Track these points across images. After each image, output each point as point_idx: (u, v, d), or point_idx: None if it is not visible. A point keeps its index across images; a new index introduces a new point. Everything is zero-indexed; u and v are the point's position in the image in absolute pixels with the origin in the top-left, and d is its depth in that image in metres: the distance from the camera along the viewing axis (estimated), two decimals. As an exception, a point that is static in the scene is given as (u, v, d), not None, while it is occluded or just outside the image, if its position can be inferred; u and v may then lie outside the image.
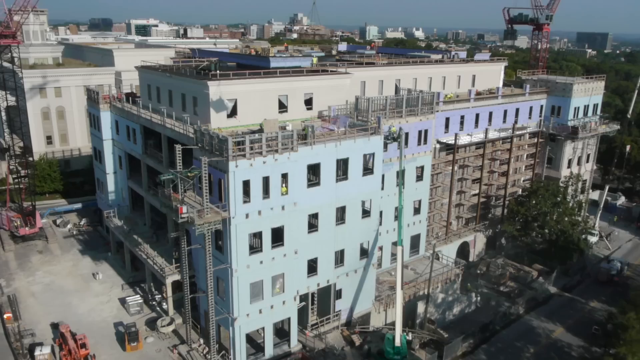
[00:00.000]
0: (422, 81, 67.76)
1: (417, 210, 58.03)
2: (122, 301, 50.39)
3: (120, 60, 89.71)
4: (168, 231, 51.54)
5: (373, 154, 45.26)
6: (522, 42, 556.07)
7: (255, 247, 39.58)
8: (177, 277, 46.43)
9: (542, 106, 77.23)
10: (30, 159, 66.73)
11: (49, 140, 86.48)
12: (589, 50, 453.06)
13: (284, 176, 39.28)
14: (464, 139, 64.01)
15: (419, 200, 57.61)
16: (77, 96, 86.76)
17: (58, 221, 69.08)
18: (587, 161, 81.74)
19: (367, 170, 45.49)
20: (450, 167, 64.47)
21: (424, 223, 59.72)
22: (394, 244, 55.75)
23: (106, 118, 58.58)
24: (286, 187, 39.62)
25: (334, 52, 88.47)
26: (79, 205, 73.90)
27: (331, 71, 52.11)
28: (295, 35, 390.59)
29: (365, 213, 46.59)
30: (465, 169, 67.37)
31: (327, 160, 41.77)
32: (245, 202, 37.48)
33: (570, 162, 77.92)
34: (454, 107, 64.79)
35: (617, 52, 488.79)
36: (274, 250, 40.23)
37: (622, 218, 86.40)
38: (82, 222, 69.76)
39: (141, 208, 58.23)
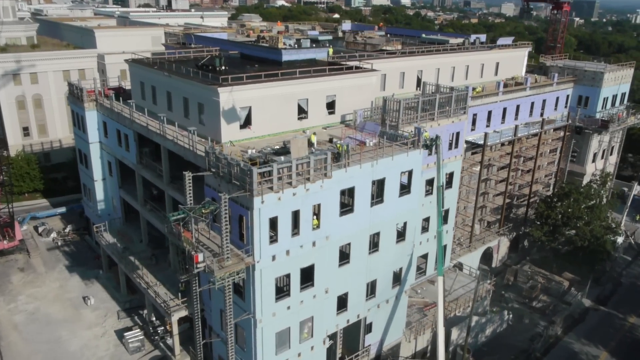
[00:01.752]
0: (444, 71, 61.33)
1: (444, 220, 52.30)
2: (120, 334, 44.22)
3: (103, 42, 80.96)
4: (170, 253, 45.19)
5: (411, 171, 39.06)
6: (508, 9, 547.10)
7: (281, 290, 33.54)
8: (184, 312, 40.32)
9: (568, 96, 71.52)
10: (5, 153, 59.07)
11: (26, 131, 78.16)
12: (577, 19, 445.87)
13: (316, 207, 32.99)
14: (492, 137, 58.09)
15: (447, 209, 51.87)
16: (55, 82, 78.12)
17: (40, 229, 61.93)
18: (611, 154, 76.74)
19: (404, 189, 39.35)
20: (475, 168, 58.76)
21: (451, 233, 54.14)
22: (423, 257, 50.47)
23: (92, 118, 51.05)
24: (318, 219, 33.37)
25: (340, 35, 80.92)
26: (63, 209, 66.68)
27: (356, 68, 45.18)
28: (280, 2, 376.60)
29: (400, 236, 40.69)
30: (489, 168, 61.76)
31: (362, 183, 35.48)
32: (272, 242, 31.19)
33: (595, 156, 72.80)
34: (482, 102, 58.68)
35: (604, 20, 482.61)
36: (303, 293, 34.23)
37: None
38: (67, 230, 62.72)
39: (135, 219, 51.49)
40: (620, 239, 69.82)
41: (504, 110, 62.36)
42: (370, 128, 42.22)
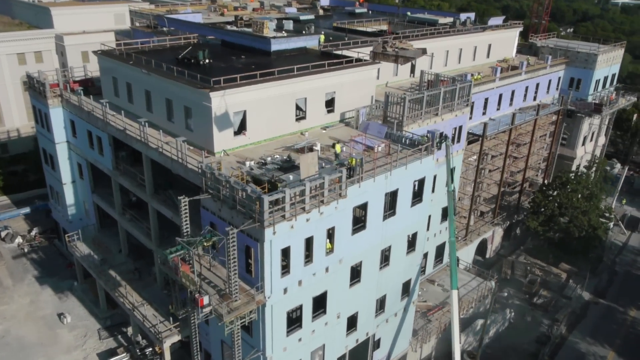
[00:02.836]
0: (438, 56, 57.87)
1: (444, 217, 49.71)
2: (104, 358, 40.22)
3: (60, 21, 73.26)
4: (155, 266, 41.02)
5: (424, 178, 35.79)
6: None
7: (292, 322, 30.13)
8: (176, 337, 36.57)
9: (559, 78, 69.27)
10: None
11: (-21, 121, 71.00)
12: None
13: (330, 230, 29.43)
14: (491, 127, 55.30)
15: (446, 206, 49.18)
16: (10, 66, 70.65)
17: (3, 233, 56.29)
18: (599, 135, 75.52)
19: (415, 197, 36.13)
20: (472, 158, 56.13)
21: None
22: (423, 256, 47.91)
23: (57, 116, 45.41)
24: (331, 242, 29.88)
25: (320, 12, 75.85)
26: (27, 210, 60.92)
27: (356, 60, 41.06)
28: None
29: (410, 247, 37.71)
30: (484, 157, 59.25)
31: (375, 197, 32.03)
32: (283, 274, 27.60)
33: (585, 139, 71.35)
34: (479, 90, 55.59)
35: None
36: (315, 322, 31.02)
37: (623, 191, 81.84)
38: (33, 233, 57.28)
39: (112, 225, 46.74)
40: (610, 224, 69.25)
41: (500, 96, 59.59)
42: (374, 129, 38.55)
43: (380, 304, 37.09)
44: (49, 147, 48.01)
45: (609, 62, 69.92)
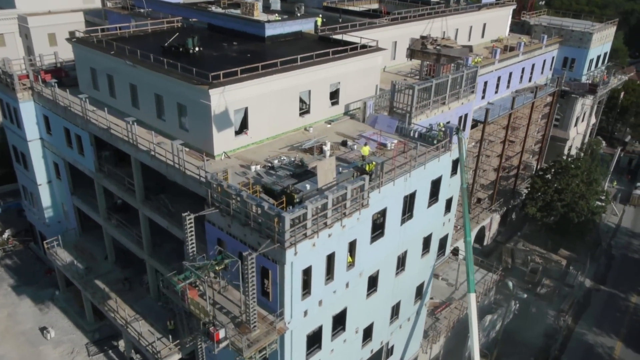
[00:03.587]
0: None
1: (447, 209, 47.57)
2: (94, 378, 37.18)
3: (23, 0, 67.21)
4: (147, 274, 37.73)
5: (440, 177, 33.30)
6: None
7: (312, 344, 27.53)
8: (177, 356, 33.63)
9: (553, 58, 67.42)
10: None
11: (-64, 112, 64.91)
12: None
13: (351, 243, 26.74)
14: (493, 112, 53.12)
15: (450, 197, 47.03)
16: (-32, 51, 64.61)
17: (-28, 237, 51.85)
18: (590, 116, 74.46)
19: (432, 197, 33.67)
20: (470, 145, 53.99)
21: (453, 221, 49.69)
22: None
23: (29, 111, 40.91)
24: (352, 256, 27.22)
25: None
26: (-4, 210, 56.36)
27: (361, 47, 37.83)
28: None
29: (425, 248, 35.44)
30: (483, 142, 57.23)
31: (394, 202, 29.41)
32: (304, 296, 24.88)
33: (577, 120, 70.12)
34: (479, 73, 53.03)
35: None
36: (334, 341, 28.54)
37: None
38: (6, 236, 52.87)
39: (94, 228, 42.95)
40: (607, 207, 68.71)
41: (498, 79, 57.39)
42: (383, 123, 35.71)
43: (395, 311, 34.89)
44: (20, 144, 43.55)
45: (602, 40, 68.33)
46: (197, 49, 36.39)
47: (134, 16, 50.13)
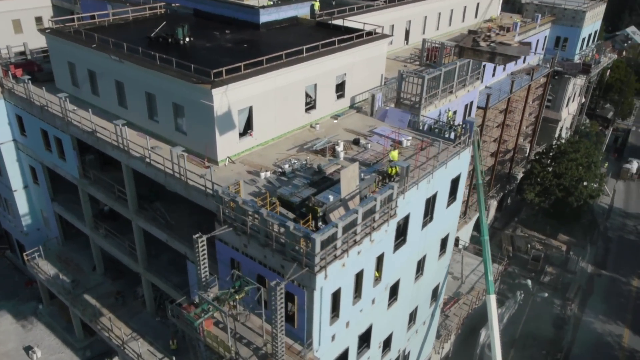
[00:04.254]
0: (430, 19, 52.58)
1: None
2: (89, 401, 34.35)
3: (-20, -16, 61.55)
4: (143, 288, 34.85)
5: (459, 175, 31.17)
6: None
7: (335, 366, 25.38)
8: (181, 377, 31.12)
9: (545, 38, 65.71)
10: None
11: None
12: None
13: (379, 258, 24.45)
14: (494, 97, 51.17)
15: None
16: None
17: (-61, 247, 47.66)
18: (580, 95, 73.50)
19: (450, 197, 31.56)
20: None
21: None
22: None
23: (-1, 110, 37.09)
24: (379, 270, 24.96)
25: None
26: (-35, 215, 51.87)
27: (367, 34, 34.99)
28: None
29: (442, 249, 33.48)
30: (483, 128, 55.46)
31: (417, 206, 27.19)
32: (332, 320, 22.55)
33: (568, 100, 68.97)
34: (478, 57, 50.88)
35: None
36: (359, 360, 26.47)
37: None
38: (-23, 244, 48.91)
39: (78, 236, 39.71)
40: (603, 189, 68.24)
41: (496, 61, 55.23)
42: (394, 117, 33.23)
43: (412, 316, 33.00)
44: (-10, 147, 39.54)
45: (594, 18, 66.92)
46: (187, 39, 33.05)
47: (111, 1, 45.87)
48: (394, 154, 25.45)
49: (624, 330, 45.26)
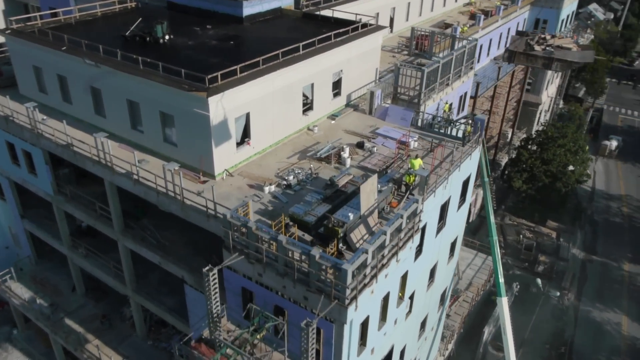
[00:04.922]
0: (413, 5, 50.56)
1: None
2: None
3: None
4: (132, 308, 32.07)
5: (469, 176, 29.48)
6: None
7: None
8: (182, 408, 28.70)
9: (525, 20, 64.67)
10: None
11: None
12: None
13: (403, 277, 22.53)
14: (483, 85, 49.77)
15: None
16: None
17: None
18: (557, 78, 73.22)
19: (460, 199, 29.88)
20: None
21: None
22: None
23: (-45, 122, 33.09)
24: (403, 290, 23.06)
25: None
26: None
27: (362, 26, 32.61)
28: None
29: (451, 253, 31.90)
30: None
31: (433, 214, 25.39)
32: (360, 349, 20.56)
33: (547, 83, 68.48)
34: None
35: None
36: (380, 383, 24.62)
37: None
38: (-63, 265, 44.57)
39: (53, 254, 36.47)
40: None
41: (481, 47, 53.78)
42: (396, 115, 31.18)
43: (422, 325, 31.45)
44: (-53, 161, 35.55)
45: (572, -1, 66.27)
46: (167, 37, 29.98)
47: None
48: (415, 163, 23.40)
49: (622, 318, 45.14)
